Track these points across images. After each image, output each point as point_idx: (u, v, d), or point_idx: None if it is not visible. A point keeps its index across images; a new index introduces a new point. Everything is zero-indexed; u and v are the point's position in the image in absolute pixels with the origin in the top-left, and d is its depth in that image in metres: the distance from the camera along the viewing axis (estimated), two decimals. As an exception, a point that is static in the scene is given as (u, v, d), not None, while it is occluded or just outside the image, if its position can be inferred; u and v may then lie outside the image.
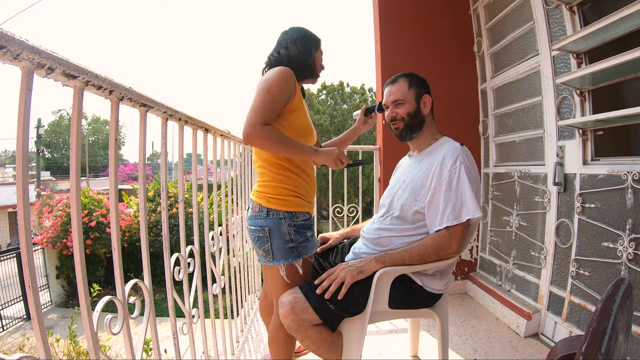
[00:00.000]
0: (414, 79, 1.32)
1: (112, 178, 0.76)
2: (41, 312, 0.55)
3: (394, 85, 1.32)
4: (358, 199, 2.61)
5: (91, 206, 6.79)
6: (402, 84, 1.31)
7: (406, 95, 1.30)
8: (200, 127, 1.22)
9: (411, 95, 1.30)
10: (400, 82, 1.31)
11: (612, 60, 1.32)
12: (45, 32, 77.52)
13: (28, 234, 0.53)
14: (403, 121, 1.30)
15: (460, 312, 2.21)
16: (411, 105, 1.30)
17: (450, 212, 1.17)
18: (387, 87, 1.34)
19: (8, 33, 0.46)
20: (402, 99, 1.29)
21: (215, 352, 1.38)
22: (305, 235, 1.26)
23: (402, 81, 1.31)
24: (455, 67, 2.52)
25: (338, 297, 1.12)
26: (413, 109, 1.30)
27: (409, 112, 1.30)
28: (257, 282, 2.49)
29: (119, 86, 0.70)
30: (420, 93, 1.31)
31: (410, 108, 1.29)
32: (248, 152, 2.17)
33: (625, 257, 1.41)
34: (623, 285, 0.64)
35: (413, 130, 1.31)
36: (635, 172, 1.39)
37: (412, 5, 2.51)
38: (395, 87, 1.31)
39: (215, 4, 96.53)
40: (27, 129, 0.52)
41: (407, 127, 1.31)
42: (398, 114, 1.30)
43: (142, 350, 0.88)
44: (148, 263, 0.87)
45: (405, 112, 1.30)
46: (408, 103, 1.30)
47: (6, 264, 6.48)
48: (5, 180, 19.27)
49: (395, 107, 1.31)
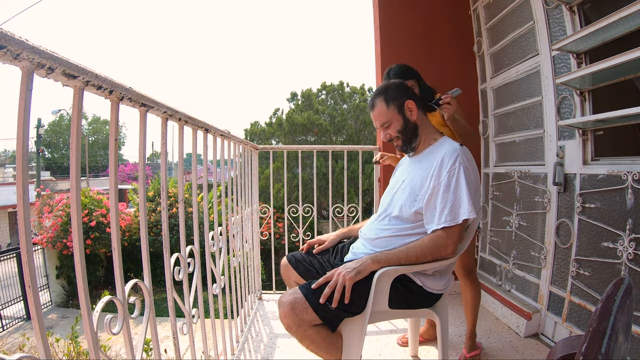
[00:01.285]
0: (388, 93, 1.29)
1: (112, 178, 0.76)
2: (41, 312, 0.55)
3: (373, 110, 1.32)
4: (358, 199, 2.61)
5: (91, 206, 6.80)
6: (380, 106, 1.30)
7: (388, 114, 1.29)
8: (200, 127, 1.22)
9: (393, 112, 1.29)
10: (377, 104, 1.30)
11: (612, 60, 1.32)
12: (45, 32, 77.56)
13: (28, 234, 0.53)
14: (399, 138, 1.32)
15: (460, 312, 2.20)
16: (398, 121, 1.29)
17: (448, 212, 1.17)
18: (370, 112, 1.35)
19: (8, 33, 0.45)
20: (387, 121, 1.29)
21: (215, 352, 1.38)
22: None
23: (378, 103, 1.30)
24: (455, 67, 2.52)
25: (345, 301, 1.12)
26: (401, 125, 1.29)
27: (399, 130, 1.30)
28: (257, 282, 2.49)
29: (119, 86, 0.70)
30: (401, 104, 1.28)
31: (398, 125, 1.29)
32: (248, 152, 2.16)
33: (625, 257, 1.41)
34: (623, 285, 0.64)
35: (411, 140, 1.33)
36: (635, 172, 1.39)
37: (412, 6, 2.51)
38: (376, 111, 1.31)
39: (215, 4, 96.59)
40: (27, 129, 0.52)
41: (406, 141, 1.32)
42: (391, 135, 1.32)
43: (142, 350, 0.88)
44: (148, 263, 0.87)
45: (396, 130, 1.30)
46: (394, 121, 1.29)
47: (6, 264, 6.49)
48: (5, 180, 19.26)
49: (386, 129, 1.32)
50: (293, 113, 9.64)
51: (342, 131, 9.67)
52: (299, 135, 9.46)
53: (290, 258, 1.48)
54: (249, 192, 2.20)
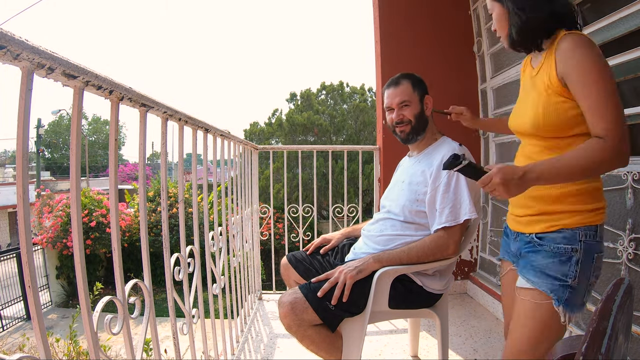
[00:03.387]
0: (416, 80, 1.30)
1: (112, 178, 0.76)
2: (41, 312, 0.54)
3: (397, 87, 1.29)
4: (358, 199, 2.61)
5: (91, 206, 6.79)
6: (406, 85, 1.29)
7: (411, 96, 1.28)
8: (200, 127, 1.22)
9: (416, 97, 1.29)
10: (403, 83, 1.29)
11: (612, 60, 1.32)
12: (45, 32, 77.62)
13: (28, 234, 0.53)
14: (410, 124, 1.29)
15: (460, 312, 2.21)
16: (416, 106, 1.28)
17: (448, 213, 1.17)
18: (389, 89, 1.31)
19: (8, 33, 0.45)
20: (408, 100, 1.28)
21: (215, 352, 1.38)
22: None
23: (405, 82, 1.29)
24: (455, 67, 2.51)
25: (343, 299, 1.12)
26: (419, 111, 1.29)
27: (415, 114, 1.28)
28: (257, 282, 2.49)
29: (119, 86, 0.70)
30: (422, 94, 1.30)
31: (416, 110, 1.28)
32: (248, 152, 2.16)
33: (625, 257, 1.41)
34: (623, 285, 0.64)
35: (419, 132, 1.30)
36: (635, 172, 1.39)
37: (412, 5, 2.50)
38: (400, 88, 1.29)
39: (216, 4, 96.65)
40: (27, 129, 0.52)
41: (414, 130, 1.29)
42: (405, 116, 1.28)
43: (142, 350, 0.88)
44: (148, 263, 0.87)
45: (412, 114, 1.28)
46: (414, 105, 1.28)
47: (6, 264, 6.49)
48: (5, 180, 19.27)
49: (401, 109, 1.28)
50: (293, 113, 9.64)
51: (342, 131, 9.66)
52: (299, 135, 9.46)
53: (291, 258, 1.49)
54: (249, 192, 2.20)
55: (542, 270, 0.90)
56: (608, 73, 0.80)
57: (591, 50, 0.81)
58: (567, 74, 0.83)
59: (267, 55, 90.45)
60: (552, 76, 0.86)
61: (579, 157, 0.80)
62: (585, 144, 0.80)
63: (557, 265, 0.88)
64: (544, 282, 0.89)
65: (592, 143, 0.79)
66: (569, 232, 0.88)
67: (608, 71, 0.80)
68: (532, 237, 0.94)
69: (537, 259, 0.91)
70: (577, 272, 0.86)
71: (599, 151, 0.78)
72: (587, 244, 0.86)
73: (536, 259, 0.91)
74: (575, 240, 0.87)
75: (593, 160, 0.78)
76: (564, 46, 0.83)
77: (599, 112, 0.79)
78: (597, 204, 0.89)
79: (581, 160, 0.79)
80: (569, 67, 0.82)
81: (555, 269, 0.88)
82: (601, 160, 0.78)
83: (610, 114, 0.78)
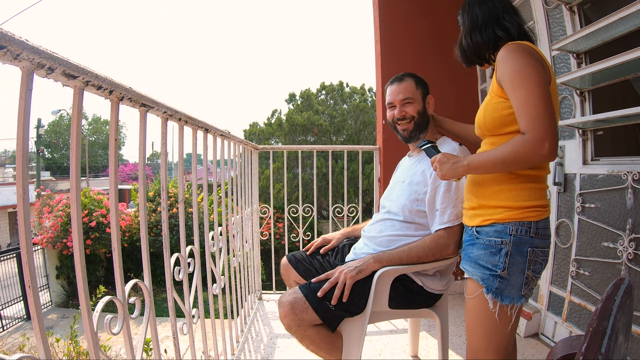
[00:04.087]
0: (419, 79, 1.32)
1: (112, 178, 0.76)
2: (41, 312, 0.54)
3: (401, 83, 1.31)
4: (358, 199, 2.61)
5: (91, 206, 6.79)
6: (410, 83, 1.30)
7: (415, 93, 1.29)
8: (200, 127, 1.22)
9: (419, 95, 1.30)
10: (407, 80, 1.31)
11: (612, 60, 1.32)
12: (45, 32, 77.56)
13: (28, 234, 0.53)
14: (413, 120, 1.29)
15: (460, 312, 2.20)
16: (419, 104, 1.30)
17: (449, 213, 1.17)
18: (392, 85, 1.32)
19: (8, 33, 0.45)
20: (412, 97, 1.29)
21: (215, 352, 1.38)
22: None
23: (409, 80, 1.31)
24: (455, 67, 2.50)
25: (343, 299, 1.12)
26: (421, 108, 1.30)
27: (418, 111, 1.29)
28: (257, 282, 2.49)
29: (119, 86, 0.70)
30: (425, 93, 1.31)
31: (419, 107, 1.29)
32: (248, 152, 2.17)
33: (625, 257, 1.41)
34: (623, 285, 0.64)
35: (421, 130, 1.31)
36: (635, 172, 1.39)
37: (412, 5, 2.50)
38: (404, 85, 1.30)
39: (216, 4, 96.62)
40: (27, 129, 0.52)
41: (416, 127, 1.30)
42: (408, 112, 1.29)
43: (142, 350, 0.88)
44: (148, 263, 0.87)
45: (415, 110, 1.29)
46: (417, 102, 1.29)
47: (6, 264, 6.49)
48: (5, 180, 19.27)
49: (404, 106, 1.29)
50: (293, 113, 9.64)
51: (342, 131, 9.67)
52: (299, 135, 9.46)
53: (291, 258, 1.49)
54: (249, 192, 2.20)
55: (475, 261, 0.98)
56: (535, 76, 0.87)
57: (521, 56, 0.89)
58: (501, 79, 0.93)
59: (267, 56, 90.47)
60: (494, 81, 0.97)
61: (503, 150, 0.89)
62: (511, 139, 0.89)
63: (487, 256, 0.96)
64: (477, 271, 0.98)
65: (516, 138, 0.87)
66: (500, 226, 0.95)
67: (536, 74, 0.87)
68: (473, 231, 1.02)
69: (473, 250, 1.00)
70: (506, 263, 0.93)
71: (519, 145, 0.85)
72: (517, 238, 0.93)
73: (472, 250, 1.01)
74: (506, 234, 0.94)
75: (514, 153, 0.86)
76: (500, 55, 0.94)
77: (523, 110, 0.87)
78: (533, 202, 0.95)
79: (505, 152, 0.88)
80: (502, 72, 0.92)
81: (486, 260, 0.96)
82: (522, 153, 0.85)
83: (531, 113, 0.85)
